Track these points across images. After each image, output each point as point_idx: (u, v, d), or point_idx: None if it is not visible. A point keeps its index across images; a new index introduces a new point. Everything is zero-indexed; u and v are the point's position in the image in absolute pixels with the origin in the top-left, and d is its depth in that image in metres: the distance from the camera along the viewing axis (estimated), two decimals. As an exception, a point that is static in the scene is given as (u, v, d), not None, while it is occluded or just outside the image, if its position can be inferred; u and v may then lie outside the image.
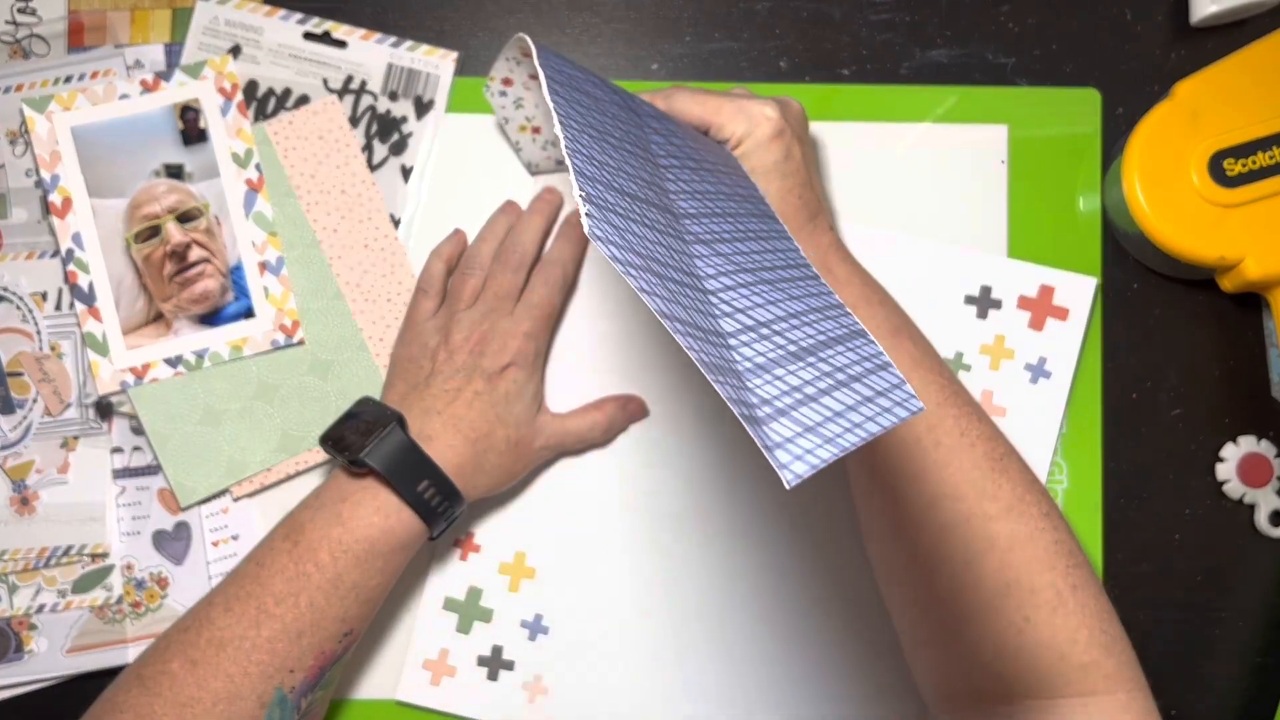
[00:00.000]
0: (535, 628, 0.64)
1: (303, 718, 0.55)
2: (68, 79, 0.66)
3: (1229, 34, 0.68)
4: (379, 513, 0.56)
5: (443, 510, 0.57)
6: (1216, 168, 0.60)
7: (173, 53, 0.67)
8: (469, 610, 0.65)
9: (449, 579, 0.65)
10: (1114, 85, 0.68)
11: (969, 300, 0.66)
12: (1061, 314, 0.66)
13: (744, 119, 0.58)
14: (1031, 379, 0.65)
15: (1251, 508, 0.67)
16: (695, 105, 0.59)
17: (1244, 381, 0.67)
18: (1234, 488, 0.66)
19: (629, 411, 0.65)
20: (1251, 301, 0.67)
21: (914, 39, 0.68)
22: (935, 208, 0.67)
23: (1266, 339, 0.67)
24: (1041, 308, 0.66)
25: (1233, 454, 0.66)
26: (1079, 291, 0.66)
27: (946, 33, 0.68)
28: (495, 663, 0.64)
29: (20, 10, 0.67)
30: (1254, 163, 0.60)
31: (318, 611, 0.54)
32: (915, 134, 0.67)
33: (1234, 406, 0.67)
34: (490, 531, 0.65)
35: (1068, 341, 0.65)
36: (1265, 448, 0.67)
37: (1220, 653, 0.67)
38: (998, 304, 0.66)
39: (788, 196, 0.58)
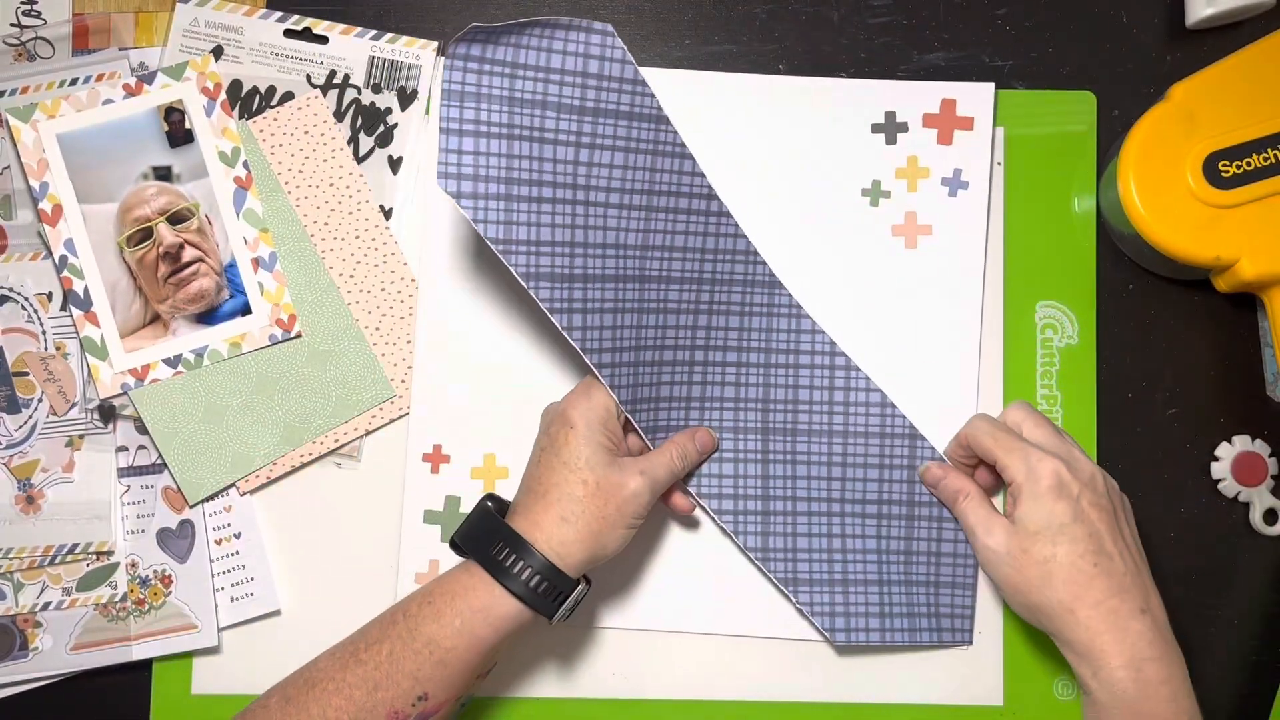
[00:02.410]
0: None
1: None
2: (73, 81, 0.66)
3: (1224, 36, 0.68)
4: (467, 572, 0.57)
5: (516, 568, 0.56)
6: (1211, 169, 0.61)
7: (176, 55, 0.67)
8: (450, 519, 0.65)
9: (424, 493, 0.66)
10: (1110, 87, 0.68)
11: (876, 129, 0.67)
12: (967, 124, 0.67)
13: (1023, 467, 0.58)
14: (950, 193, 0.67)
15: (1246, 506, 0.67)
16: (988, 439, 0.60)
17: (1239, 381, 0.68)
18: (1229, 486, 0.67)
19: (699, 441, 0.63)
20: (1247, 301, 0.68)
21: (912, 42, 0.69)
22: (932, 208, 0.68)
23: (1261, 338, 0.68)
24: (947, 122, 0.67)
25: (1227, 453, 0.67)
26: (979, 98, 0.67)
27: (944, 35, 0.69)
28: None
29: (25, 13, 0.67)
30: (1249, 164, 0.61)
31: (395, 662, 0.55)
32: (912, 135, 0.68)
33: (1229, 406, 0.68)
34: (457, 439, 0.66)
35: (978, 149, 0.67)
36: (1260, 447, 0.67)
37: (1215, 651, 0.67)
38: (904, 126, 0.67)
39: (1080, 563, 0.56)
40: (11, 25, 0.67)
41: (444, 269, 0.66)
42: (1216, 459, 0.67)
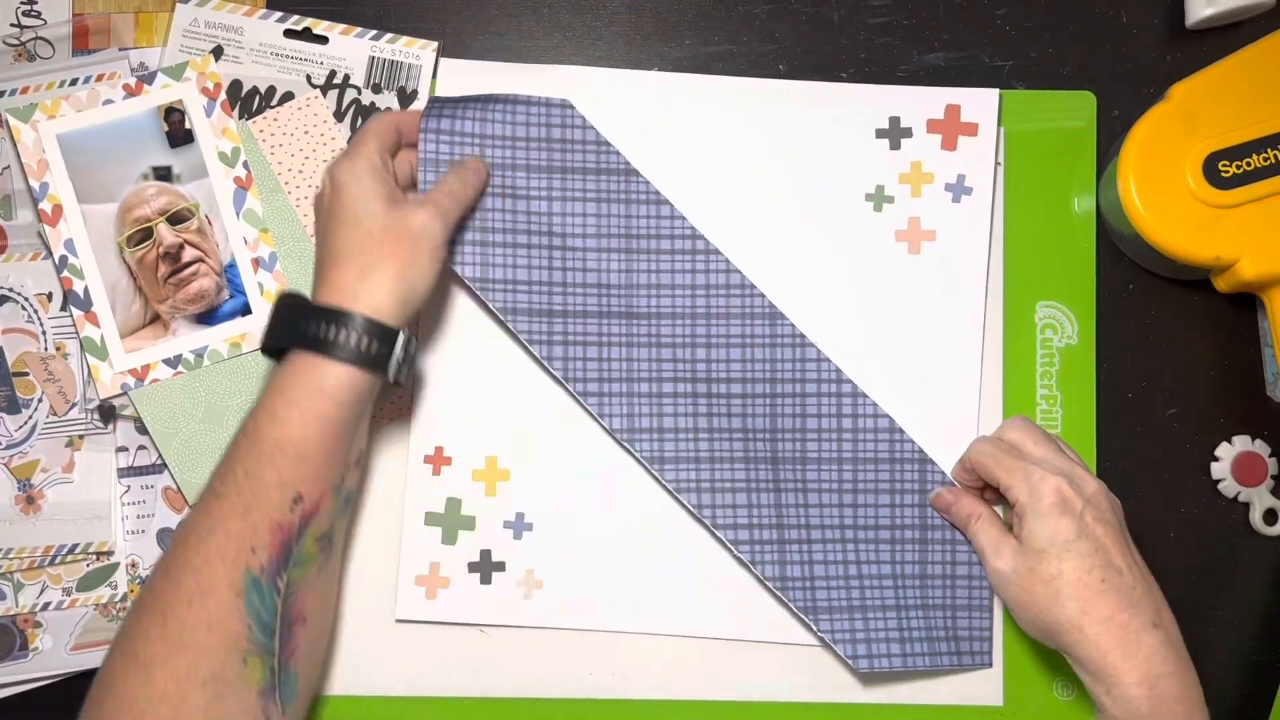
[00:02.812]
0: (519, 526, 0.65)
1: (289, 597, 0.54)
2: (73, 82, 0.66)
3: (1224, 36, 0.68)
4: (289, 364, 0.55)
5: (336, 336, 0.54)
6: (1211, 169, 0.61)
7: (176, 55, 0.67)
8: (451, 521, 0.65)
9: (425, 494, 0.65)
10: (1110, 87, 0.68)
11: (880, 134, 0.67)
12: (971, 130, 0.67)
13: (1025, 486, 0.58)
14: (954, 198, 0.67)
15: (1246, 506, 0.67)
16: (990, 460, 0.60)
17: (1239, 381, 0.68)
18: (1229, 486, 0.67)
19: (470, 164, 0.61)
20: (1247, 301, 0.68)
21: (911, 42, 0.69)
22: (932, 208, 0.67)
23: (1261, 338, 0.68)
24: (951, 127, 0.67)
25: (1227, 453, 0.67)
26: (984, 104, 0.67)
27: (944, 36, 0.69)
28: (486, 566, 0.65)
29: (25, 13, 0.68)
30: (1249, 164, 0.61)
31: (254, 479, 0.53)
32: (912, 135, 0.68)
33: (1229, 406, 0.68)
34: (458, 442, 0.66)
35: (982, 155, 0.67)
36: (1260, 447, 0.67)
37: (1216, 651, 0.67)
38: (908, 132, 0.67)
39: (1086, 579, 0.56)
40: (11, 25, 0.67)
41: (447, 270, 0.66)
42: (1216, 459, 0.67)
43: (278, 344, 0.56)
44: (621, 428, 0.63)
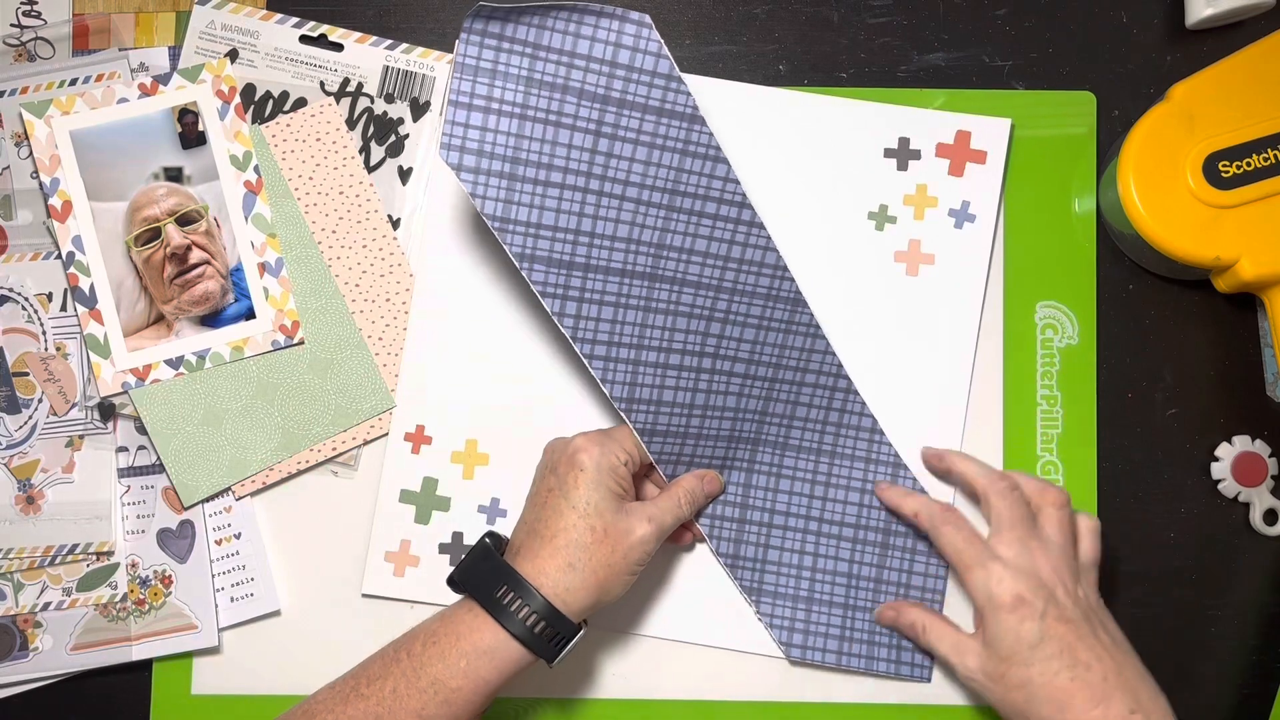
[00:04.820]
0: (493, 511, 0.66)
1: None
2: (72, 81, 0.66)
3: (1224, 36, 0.68)
4: (470, 612, 0.56)
5: (520, 613, 0.55)
6: (1211, 169, 0.61)
7: (176, 56, 0.67)
8: (426, 500, 0.66)
9: (403, 472, 0.66)
10: (1110, 88, 0.68)
11: (889, 153, 0.67)
12: (980, 157, 0.67)
13: (983, 589, 0.58)
14: (956, 224, 0.67)
15: (1246, 506, 0.67)
16: (959, 539, 0.60)
17: (1239, 381, 0.68)
18: (1229, 486, 0.67)
19: (708, 485, 0.64)
20: (1246, 301, 0.68)
21: (911, 42, 0.69)
22: (932, 208, 0.67)
23: (1261, 339, 0.68)
24: (960, 153, 0.67)
25: (1227, 453, 0.67)
26: (995, 133, 0.67)
27: (944, 36, 0.69)
28: (457, 548, 0.65)
29: (25, 13, 0.68)
30: (1249, 164, 0.61)
31: (399, 700, 0.55)
32: (912, 135, 0.68)
33: (1229, 406, 0.68)
34: (440, 422, 0.66)
35: (988, 184, 0.67)
36: (1260, 447, 0.67)
37: (1216, 651, 0.67)
38: (917, 154, 0.67)
39: (1055, 680, 0.56)
40: (11, 25, 0.67)
41: (441, 253, 0.66)
42: (1216, 459, 0.67)
43: (464, 588, 0.58)
44: (621, 396, 0.61)
